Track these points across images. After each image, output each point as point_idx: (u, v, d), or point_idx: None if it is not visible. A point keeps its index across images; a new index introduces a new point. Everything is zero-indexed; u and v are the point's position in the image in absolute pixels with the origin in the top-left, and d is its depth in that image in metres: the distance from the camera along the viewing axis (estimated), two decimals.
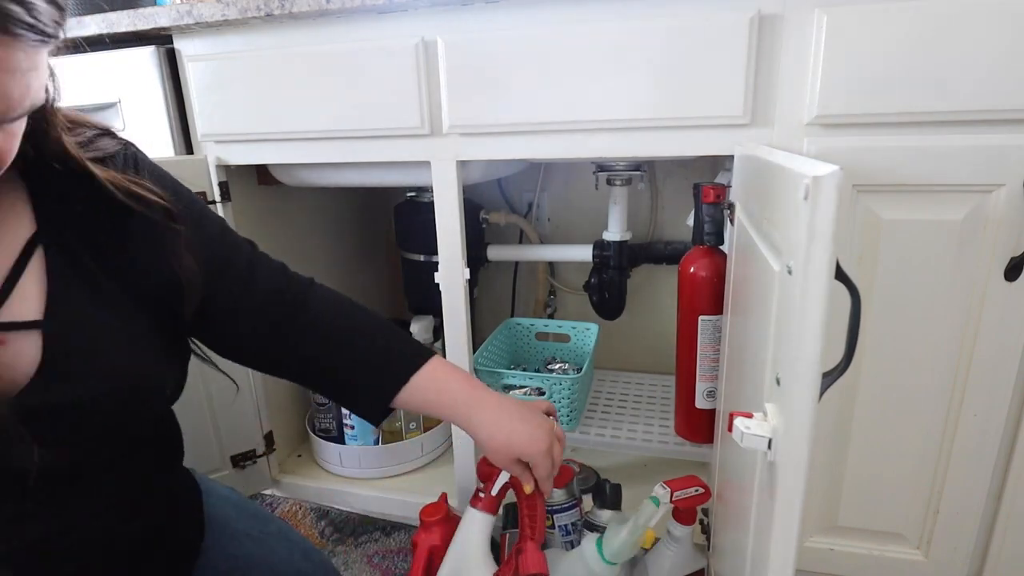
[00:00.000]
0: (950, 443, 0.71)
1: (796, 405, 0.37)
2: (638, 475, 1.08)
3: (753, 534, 0.50)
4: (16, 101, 0.39)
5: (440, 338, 1.08)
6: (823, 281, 0.36)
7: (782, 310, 0.43)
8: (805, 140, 0.68)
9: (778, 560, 0.41)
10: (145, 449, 0.54)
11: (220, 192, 0.93)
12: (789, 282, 0.39)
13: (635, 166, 1.05)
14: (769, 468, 0.42)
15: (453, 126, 0.80)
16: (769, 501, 0.42)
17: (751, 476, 0.50)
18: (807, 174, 0.35)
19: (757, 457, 0.47)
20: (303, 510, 1.07)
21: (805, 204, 0.35)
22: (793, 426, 0.38)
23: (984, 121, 0.63)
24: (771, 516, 0.41)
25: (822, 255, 0.35)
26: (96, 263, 0.49)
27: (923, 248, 0.66)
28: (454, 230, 0.86)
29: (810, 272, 0.36)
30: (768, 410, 0.43)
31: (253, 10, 0.81)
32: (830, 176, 0.34)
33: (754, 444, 0.41)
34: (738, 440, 0.42)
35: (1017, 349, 0.66)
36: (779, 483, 0.39)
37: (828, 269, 0.36)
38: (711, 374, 0.86)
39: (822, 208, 0.35)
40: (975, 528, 0.73)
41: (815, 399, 0.37)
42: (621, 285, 1.14)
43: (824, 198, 0.34)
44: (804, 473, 0.38)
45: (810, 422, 0.37)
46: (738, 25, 0.67)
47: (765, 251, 0.50)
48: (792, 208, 0.39)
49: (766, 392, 0.46)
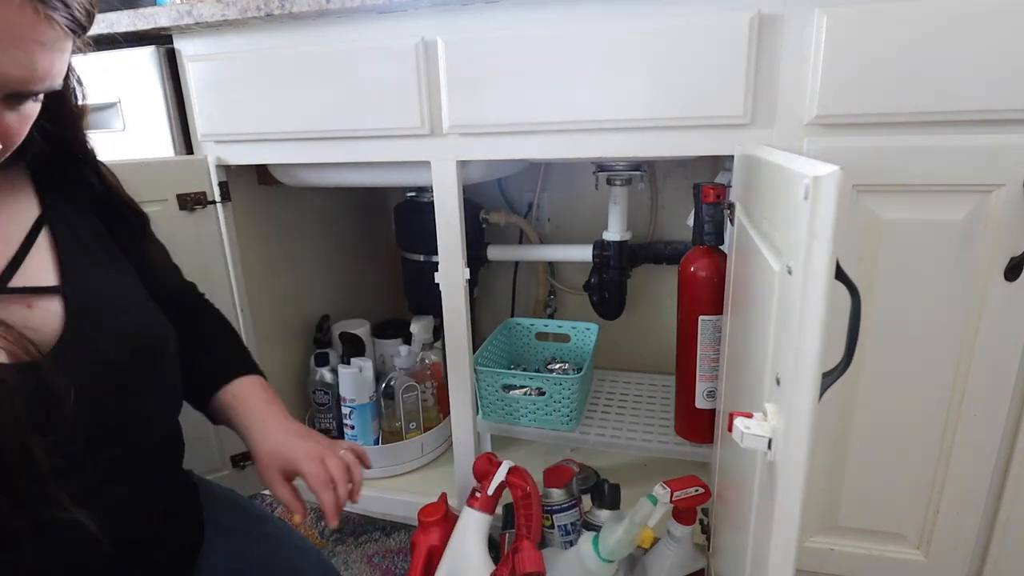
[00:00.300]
0: (950, 443, 0.71)
1: (796, 405, 0.37)
2: (638, 475, 1.08)
3: (753, 534, 0.50)
4: (40, 74, 0.41)
5: (440, 338, 1.08)
6: (823, 281, 0.36)
7: (782, 310, 0.43)
8: (805, 140, 0.68)
9: (778, 560, 0.41)
10: (145, 449, 0.55)
11: (220, 192, 0.93)
12: (789, 282, 0.39)
13: (635, 166, 1.05)
14: (769, 468, 0.42)
15: (453, 126, 0.80)
16: (769, 501, 0.42)
17: (751, 476, 0.50)
18: (807, 174, 0.35)
19: (757, 457, 0.47)
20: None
21: (805, 204, 0.35)
22: (793, 426, 0.38)
23: (984, 121, 0.63)
24: (771, 516, 0.41)
25: (822, 255, 0.35)
26: (97, 243, 0.55)
27: (923, 248, 0.66)
28: (454, 230, 0.86)
29: (810, 272, 0.36)
30: (768, 410, 0.43)
31: (253, 10, 0.81)
32: (830, 176, 0.34)
33: (754, 444, 0.41)
34: (738, 440, 0.42)
35: (1017, 349, 0.66)
36: (779, 483, 0.39)
37: (828, 269, 0.35)
38: (711, 374, 0.86)
39: (822, 208, 0.35)
40: (975, 528, 0.73)
41: (815, 399, 0.37)
42: (621, 285, 1.14)
43: (824, 198, 0.34)
44: (804, 473, 0.38)
45: (810, 422, 0.37)
46: (738, 25, 0.67)
47: (765, 251, 0.50)
48: (792, 208, 0.39)
49: (766, 392, 0.46)
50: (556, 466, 0.93)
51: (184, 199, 0.89)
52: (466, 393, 0.93)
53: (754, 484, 0.49)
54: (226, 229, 0.94)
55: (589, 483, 0.96)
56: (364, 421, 1.07)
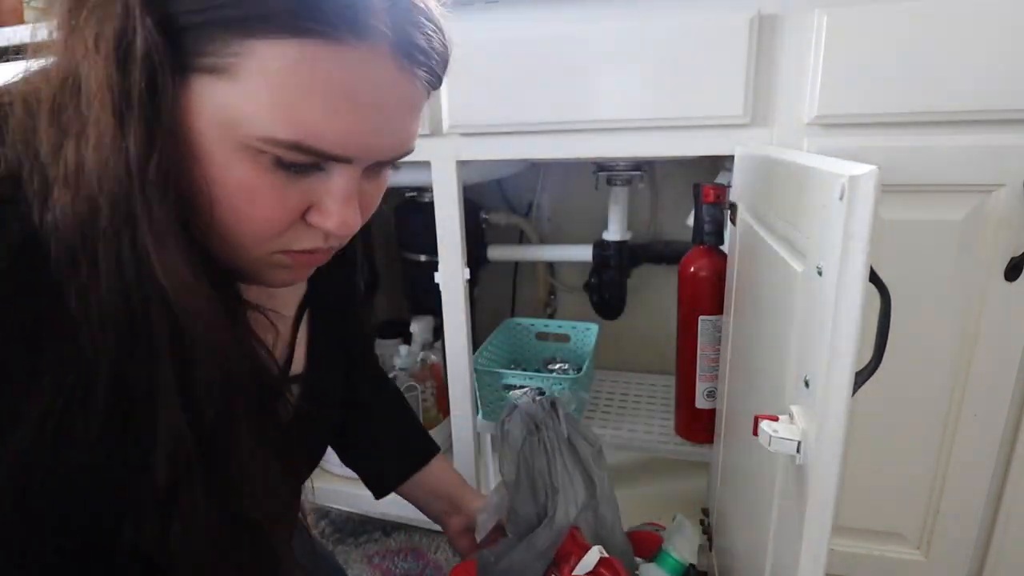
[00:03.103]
0: (950, 443, 0.71)
1: (832, 406, 0.37)
2: (638, 475, 1.08)
3: (774, 536, 0.49)
4: (407, 139, 0.37)
5: (440, 338, 1.08)
6: (859, 282, 0.35)
7: (809, 311, 0.42)
8: (805, 140, 0.68)
9: (809, 563, 0.40)
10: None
11: None
12: (819, 283, 0.39)
13: (635, 166, 1.05)
14: (797, 471, 0.42)
15: (453, 126, 0.80)
16: (798, 504, 0.42)
17: (768, 478, 0.50)
18: (843, 174, 0.34)
19: (777, 459, 0.47)
20: (303, 510, 1.07)
21: (840, 204, 0.35)
22: (827, 429, 0.37)
23: (984, 121, 0.63)
24: (801, 519, 0.40)
25: (859, 256, 0.34)
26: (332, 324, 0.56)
27: (923, 248, 0.66)
28: (454, 230, 0.86)
29: (845, 273, 0.35)
30: (795, 412, 0.42)
31: None
32: (867, 176, 0.33)
33: (782, 448, 0.41)
34: (765, 444, 0.41)
35: (1017, 349, 0.66)
36: (810, 486, 0.39)
37: (864, 270, 0.35)
38: (711, 374, 0.86)
39: (859, 208, 0.34)
40: (975, 528, 0.73)
41: (849, 400, 0.37)
42: (621, 285, 1.14)
43: (861, 198, 0.34)
44: (837, 476, 0.38)
45: (844, 424, 0.37)
46: (738, 25, 0.67)
47: (783, 252, 0.50)
48: (821, 208, 0.38)
49: (789, 394, 0.45)
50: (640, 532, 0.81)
51: None
52: (466, 393, 0.93)
53: (774, 486, 0.48)
54: None
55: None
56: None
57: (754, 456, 0.57)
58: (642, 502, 1.00)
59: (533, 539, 0.65)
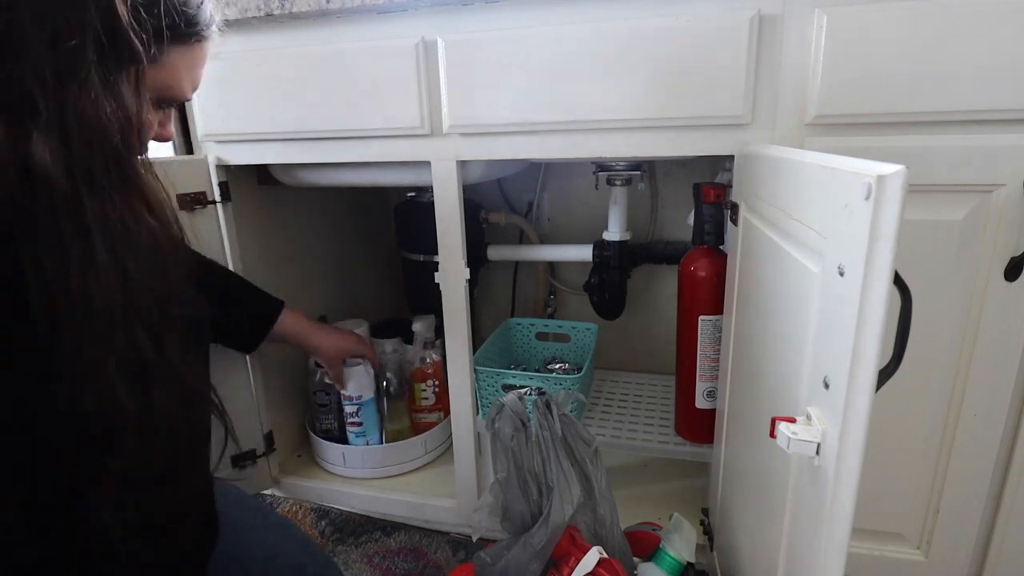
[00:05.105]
0: (950, 443, 0.71)
1: (855, 407, 0.37)
2: (638, 475, 1.09)
3: (788, 537, 0.49)
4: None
5: (440, 338, 1.08)
6: (884, 283, 0.34)
7: (828, 312, 0.41)
8: (806, 140, 0.68)
9: (831, 562, 0.40)
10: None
11: (220, 192, 0.93)
12: (840, 284, 0.38)
13: (635, 166, 1.05)
14: (816, 473, 0.41)
15: (453, 126, 0.80)
16: (816, 505, 0.41)
17: (780, 479, 0.50)
18: (870, 173, 0.34)
19: (790, 460, 0.47)
20: (304, 510, 1.07)
21: (866, 204, 0.34)
22: (850, 429, 0.37)
23: (984, 121, 0.63)
24: (819, 520, 0.40)
25: (886, 257, 0.34)
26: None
27: (923, 248, 0.66)
28: (454, 230, 0.86)
29: (871, 273, 0.35)
30: (813, 414, 0.42)
31: (253, 10, 0.81)
32: (895, 175, 0.33)
33: (801, 449, 0.40)
34: (783, 446, 0.41)
35: (1017, 349, 0.66)
36: (830, 488, 0.38)
37: (890, 271, 0.34)
38: (711, 374, 0.86)
39: (887, 208, 0.33)
40: (975, 528, 0.73)
41: (871, 401, 0.36)
42: (621, 285, 1.14)
43: (889, 198, 0.33)
44: (858, 476, 0.37)
45: (866, 424, 0.36)
46: (738, 25, 0.67)
47: (795, 252, 0.49)
48: (842, 208, 0.37)
49: (806, 395, 0.45)
50: (637, 532, 0.82)
51: (184, 199, 0.89)
52: (466, 393, 0.93)
53: (786, 487, 0.48)
54: (226, 229, 0.94)
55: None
56: (372, 416, 1.06)
57: (762, 456, 0.57)
58: (641, 502, 1.00)
59: (529, 538, 0.65)
